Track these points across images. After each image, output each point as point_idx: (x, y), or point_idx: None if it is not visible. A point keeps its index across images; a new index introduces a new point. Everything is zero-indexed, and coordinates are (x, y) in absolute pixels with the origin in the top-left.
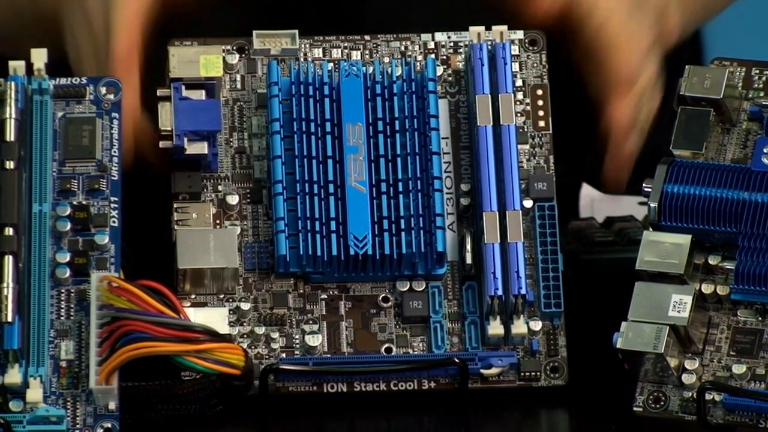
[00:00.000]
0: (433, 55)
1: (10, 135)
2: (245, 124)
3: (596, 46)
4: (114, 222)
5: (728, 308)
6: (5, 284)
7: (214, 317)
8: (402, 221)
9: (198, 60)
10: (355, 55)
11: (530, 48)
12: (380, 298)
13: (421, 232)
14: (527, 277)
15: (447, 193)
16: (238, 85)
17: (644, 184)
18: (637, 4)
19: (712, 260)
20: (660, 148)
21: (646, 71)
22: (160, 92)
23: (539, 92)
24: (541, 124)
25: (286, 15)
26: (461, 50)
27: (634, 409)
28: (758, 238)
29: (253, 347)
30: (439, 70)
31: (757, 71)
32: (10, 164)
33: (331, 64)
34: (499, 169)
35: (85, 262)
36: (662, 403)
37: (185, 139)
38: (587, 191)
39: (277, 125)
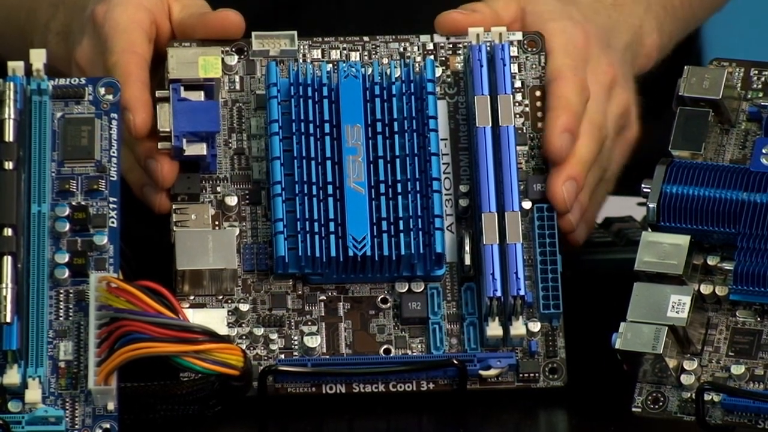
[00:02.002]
0: (432, 56)
1: (9, 135)
2: (244, 126)
3: (549, 97)
4: (113, 222)
5: (727, 309)
6: (4, 285)
7: (213, 318)
8: (401, 222)
9: (197, 61)
10: (354, 56)
11: (529, 49)
12: (379, 300)
13: (420, 233)
14: (526, 279)
15: (446, 195)
16: (237, 87)
17: (643, 185)
18: (598, 41)
19: (711, 261)
20: (659, 148)
21: (610, 111)
22: (158, 93)
23: (538, 93)
24: (540, 125)
25: (287, 15)
26: (460, 51)
27: (633, 409)
28: (757, 238)
29: (251, 348)
30: (438, 71)
31: (756, 72)
32: (8, 165)
33: (330, 65)
34: (498, 171)
35: (84, 263)
36: (661, 403)
37: (184, 141)
38: None
39: (276, 126)
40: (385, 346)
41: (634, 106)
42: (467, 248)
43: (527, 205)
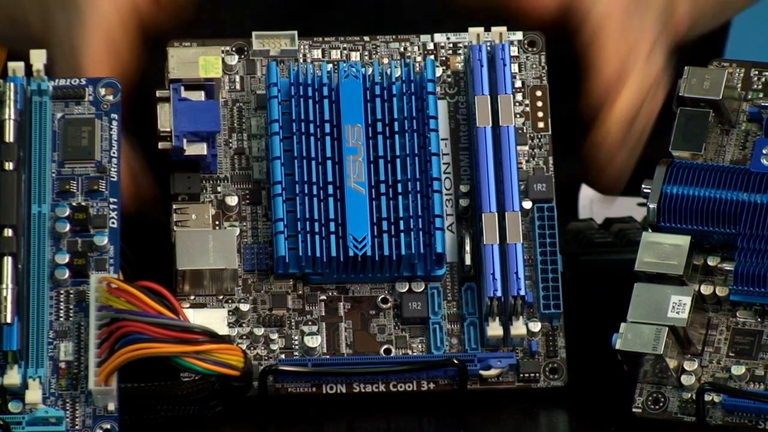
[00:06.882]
0: (432, 56)
1: (10, 136)
2: (244, 125)
3: (593, 49)
4: (113, 223)
5: (727, 309)
6: (4, 285)
7: (214, 318)
8: (401, 222)
9: (197, 61)
10: (355, 56)
11: (529, 49)
12: (379, 299)
13: (420, 233)
14: (526, 279)
15: (446, 195)
16: (237, 86)
17: (643, 185)
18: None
19: (711, 261)
20: (659, 149)
21: (650, 71)
22: (159, 93)
23: (538, 93)
24: (540, 125)
25: (288, 16)
26: (460, 51)
27: (633, 410)
28: (757, 239)
29: (252, 348)
30: (439, 71)
31: (756, 72)
32: (9, 165)
33: (331, 65)
34: (499, 171)
35: (84, 263)
36: (661, 404)
37: (184, 140)
38: (586, 192)
39: (277, 126)
40: (385, 346)
41: (663, 73)
42: (468, 248)
43: (527, 205)
